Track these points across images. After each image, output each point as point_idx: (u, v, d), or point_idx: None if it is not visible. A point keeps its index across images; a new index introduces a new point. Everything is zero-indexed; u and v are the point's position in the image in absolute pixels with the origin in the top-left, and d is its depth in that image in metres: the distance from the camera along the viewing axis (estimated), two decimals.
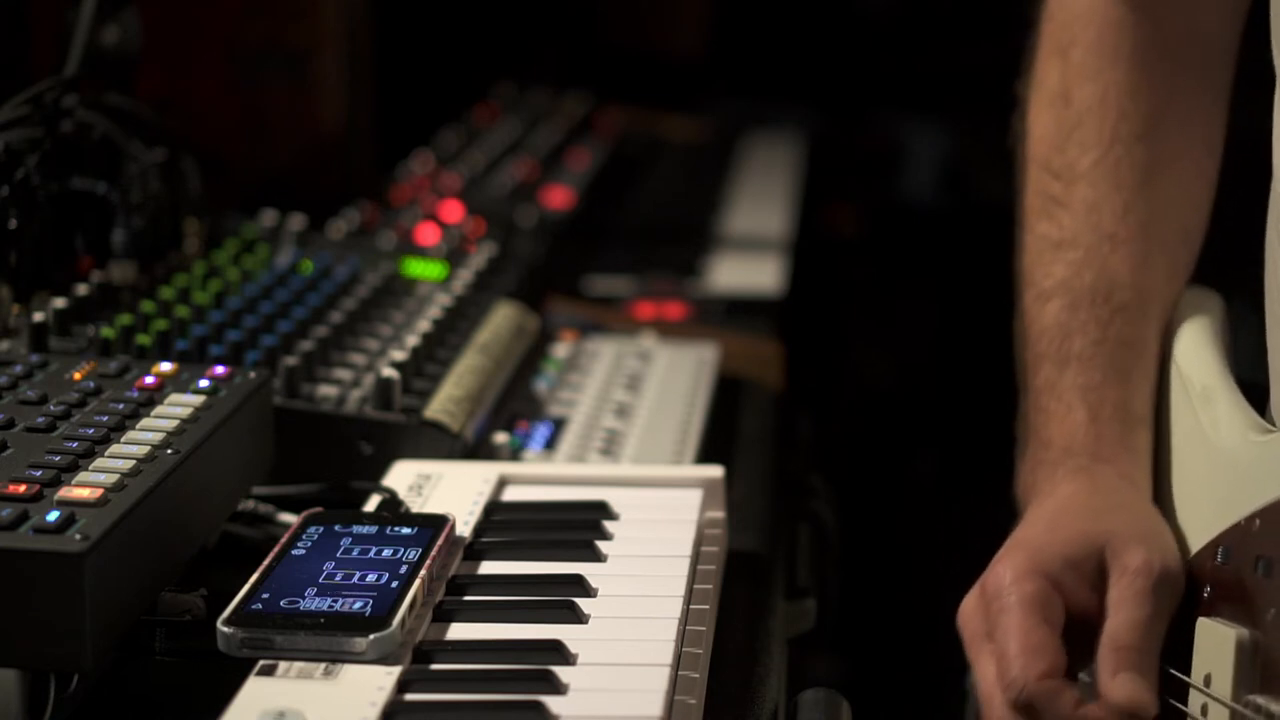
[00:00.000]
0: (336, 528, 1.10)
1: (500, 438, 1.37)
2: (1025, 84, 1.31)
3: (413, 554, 1.06)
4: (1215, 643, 1.05)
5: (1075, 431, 1.19)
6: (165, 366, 1.19)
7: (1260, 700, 1.01)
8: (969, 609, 1.12)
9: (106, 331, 1.33)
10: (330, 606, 0.99)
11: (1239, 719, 1.03)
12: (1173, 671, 1.08)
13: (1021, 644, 1.06)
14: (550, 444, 1.40)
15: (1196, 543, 1.11)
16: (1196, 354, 1.20)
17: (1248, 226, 1.19)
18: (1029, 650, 1.06)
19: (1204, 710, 1.06)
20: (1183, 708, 1.08)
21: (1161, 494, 1.18)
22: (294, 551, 1.07)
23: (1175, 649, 1.08)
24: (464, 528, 1.15)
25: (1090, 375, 1.20)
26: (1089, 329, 1.21)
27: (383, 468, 1.26)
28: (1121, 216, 1.23)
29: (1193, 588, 1.10)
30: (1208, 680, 1.06)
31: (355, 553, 1.06)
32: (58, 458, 1.02)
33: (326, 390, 1.34)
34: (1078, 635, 1.09)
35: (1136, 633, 1.06)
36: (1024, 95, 1.31)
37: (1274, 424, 1.14)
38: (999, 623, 1.09)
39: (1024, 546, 1.13)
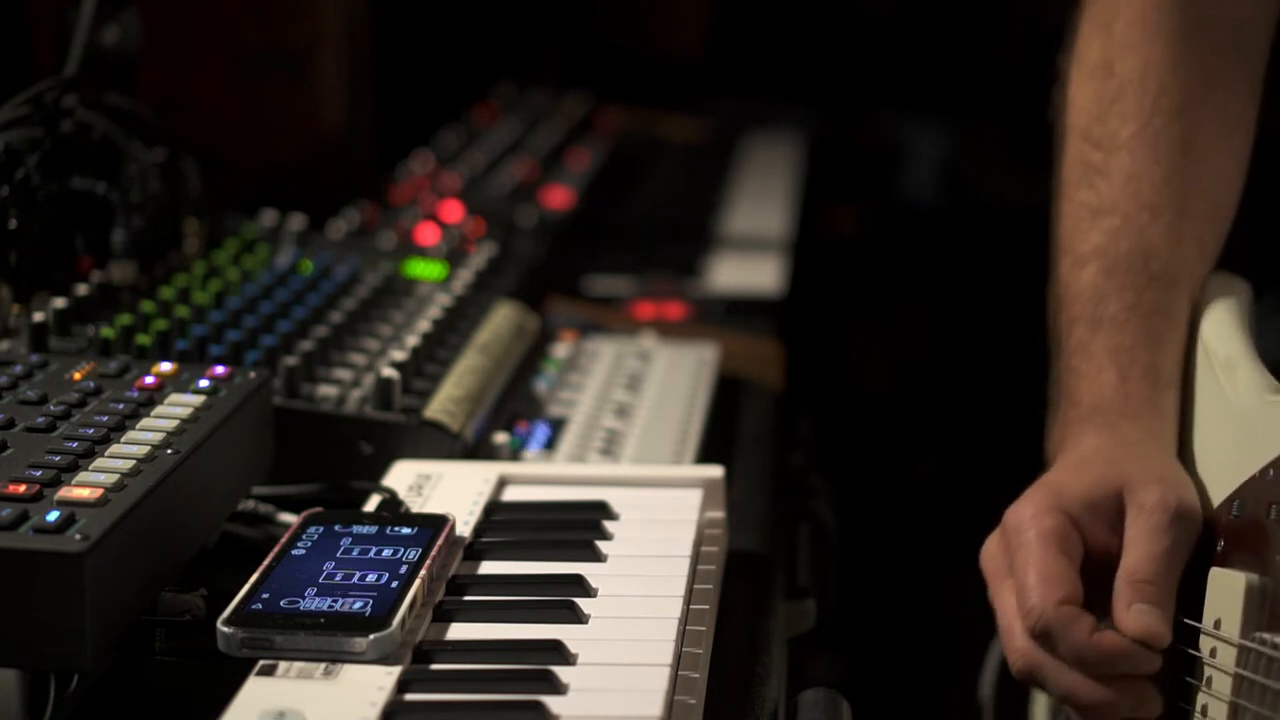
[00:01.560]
0: (336, 528, 1.10)
1: (500, 438, 1.37)
2: (1066, 59, 1.33)
3: (413, 554, 1.06)
4: (1226, 588, 1.09)
5: (1104, 391, 1.22)
6: (165, 366, 1.19)
7: (1267, 635, 1.05)
8: (990, 548, 1.16)
9: (106, 331, 1.33)
10: (330, 606, 0.99)
11: (1246, 655, 1.06)
12: (1185, 620, 1.11)
13: (1040, 574, 1.10)
14: (550, 444, 1.40)
15: (1215, 499, 1.14)
16: (1221, 328, 1.23)
17: (1277, 221, 1.21)
18: (1047, 579, 1.10)
19: (1213, 652, 1.09)
20: (1193, 651, 1.11)
21: (1184, 458, 1.20)
22: (294, 551, 1.07)
23: (1188, 602, 1.11)
24: (464, 528, 1.15)
25: (1122, 337, 1.22)
26: (1124, 294, 1.24)
27: (383, 468, 1.26)
28: (1160, 188, 1.25)
29: (1208, 542, 1.13)
30: (1218, 624, 1.09)
31: (355, 553, 1.06)
32: (58, 458, 1.02)
33: (326, 390, 1.34)
34: (1097, 579, 1.12)
35: (1152, 566, 1.10)
36: (1065, 69, 1.33)
37: None
38: (1018, 557, 1.12)
39: (1045, 487, 1.16)
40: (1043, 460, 1.28)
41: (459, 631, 1.02)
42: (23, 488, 0.98)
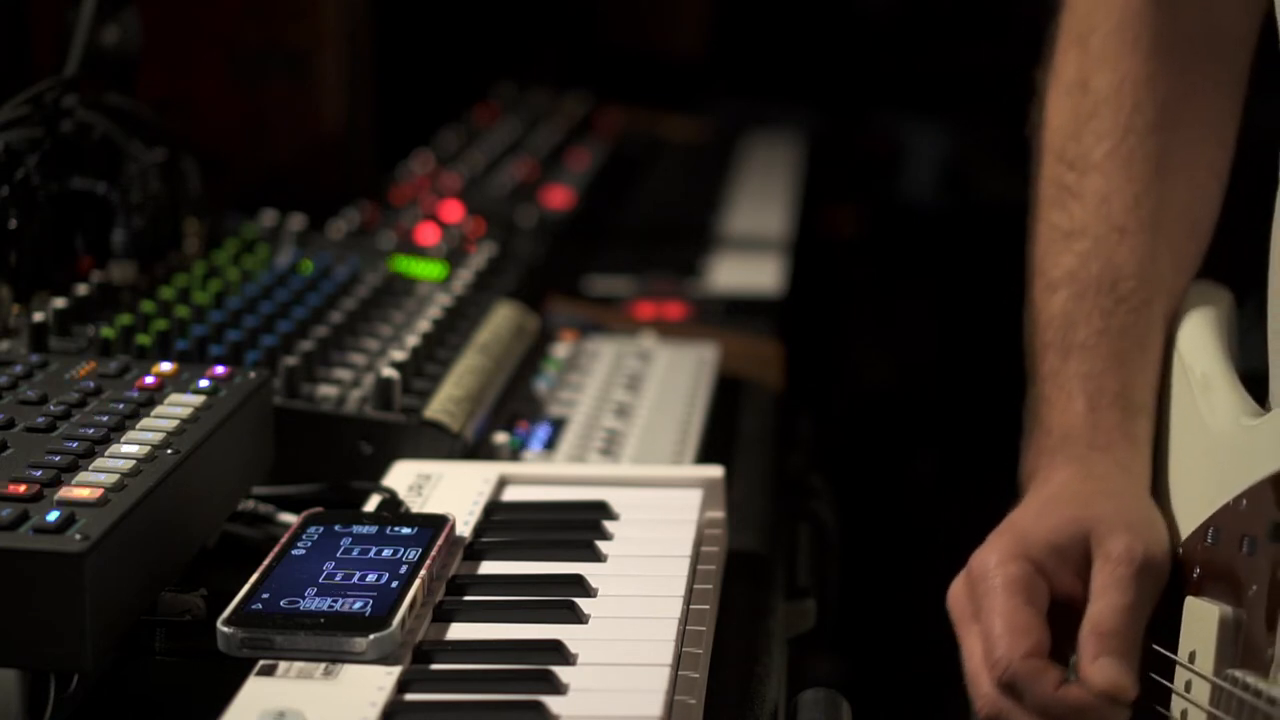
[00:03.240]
0: (336, 528, 1.10)
1: (500, 438, 1.37)
2: (1043, 73, 1.32)
3: (413, 554, 1.06)
4: (1200, 620, 1.08)
5: (1074, 419, 1.20)
6: (165, 366, 1.19)
7: (1239, 674, 1.03)
8: (956, 591, 1.15)
9: (106, 331, 1.33)
10: (330, 606, 0.99)
11: (1219, 693, 1.05)
12: (1158, 649, 1.10)
13: (1006, 624, 1.09)
14: (550, 444, 1.40)
15: (1189, 525, 1.13)
16: (1199, 343, 1.21)
17: (1261, 228, 1.20)
18: (1013, 630, 1.09)
19: (1188, 686, 1.08)
20: (1168, 684, 1.10)
21: (1159, 480, 1.19)
22: (294, 551, 1.07)
23: (1165, 629, 1.10)
24: (464, 528, 1.15)
25: (1091, 364, 1.21)
26: (1092, 319, 1.22)
27: (383, 468, 1.26)
28: (1132, 208, 1.24)
29: (1184, 570, 1.12)
30: (1192, 657, 1.08)
31: (355, 553, 1.06)
32: (58, 458, 1.02)
33: (326, 390, 1.34)
34: (1063, 622, 1.11)
35: (1118, 618, 1.09)
36: (1042, 84, 1.32)
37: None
38: (984, 604, 1.11)
39: (1011, 530, 1.15)
40: None
41: (459, 631, 1.02)
42: (23, 488, 0.98)
